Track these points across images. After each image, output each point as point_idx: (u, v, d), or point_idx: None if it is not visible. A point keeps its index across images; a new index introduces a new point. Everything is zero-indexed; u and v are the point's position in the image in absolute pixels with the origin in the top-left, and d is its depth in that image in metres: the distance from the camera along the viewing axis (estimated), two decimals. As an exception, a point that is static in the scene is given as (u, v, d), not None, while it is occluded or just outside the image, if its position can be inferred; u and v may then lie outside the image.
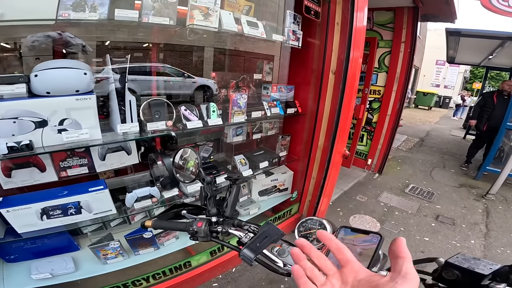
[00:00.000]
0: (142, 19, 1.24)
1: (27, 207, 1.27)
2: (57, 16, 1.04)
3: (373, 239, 0.65)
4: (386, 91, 4.14)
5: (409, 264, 0.37)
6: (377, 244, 0.61)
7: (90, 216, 1.44)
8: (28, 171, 1.31)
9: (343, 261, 0.44)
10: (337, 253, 0.45)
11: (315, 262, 0.46)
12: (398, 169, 4.91)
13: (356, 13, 1.77)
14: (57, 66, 1.03)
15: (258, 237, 0.73)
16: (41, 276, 1.47)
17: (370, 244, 0.63)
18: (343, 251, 0.45)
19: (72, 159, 1.38)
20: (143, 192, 1.53)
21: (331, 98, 2.12)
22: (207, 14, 1.44)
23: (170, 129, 1.42)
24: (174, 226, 0.91)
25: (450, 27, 4.19)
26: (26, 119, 1.03)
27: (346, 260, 0.44)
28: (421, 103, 15.18)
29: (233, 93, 1.69)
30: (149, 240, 1.73)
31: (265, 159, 2.18)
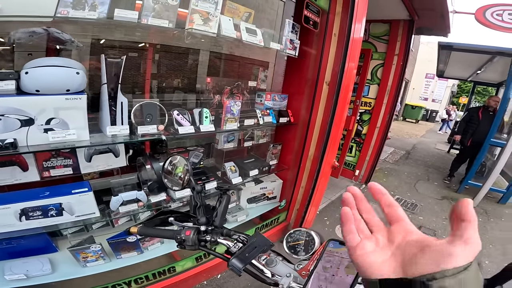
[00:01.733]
0: (141, 20, 1.22)
1: (6, 207, 1.22)
2: (55, 13, 1.01)
3: None
4: (377, 103, 4.21)
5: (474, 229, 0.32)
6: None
7: (72, 218, 1.39)
8: (10, 170, 1.25)
9: (393, 219, 0.40)
10: (388, 209, 0.41)
11: (363, 215, 0.43)
12: (384, 181, 5.00)
13: (354, 24, 1.80)
14: (49, 64, 1.00)
15: (247, 247, 0.74)
16: (15, 277, 1.41)
17: None
18: (395, 208, 0.41)
19: (57, 159, 1.33)
20: (129, 196, 1.49)
21: (324, 109, 2.14)
22: (207, 19, 1.43)
23: (161, 133, 1.39)
24: (161, 234, 0.90)
25: (443, 40, 4.32)
26: (12, 116, 0.99)
27: (397, 218, 0.40)
28: (409, 116, 15.55)
29: (227, 100, 1.68)
30: (132, 244, 1.69)
31: (255, 167, 2.17)
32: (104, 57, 1.15)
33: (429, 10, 3.35)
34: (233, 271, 0.72)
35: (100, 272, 1.61)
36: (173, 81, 2.56)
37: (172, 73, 2.49)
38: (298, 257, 0.87)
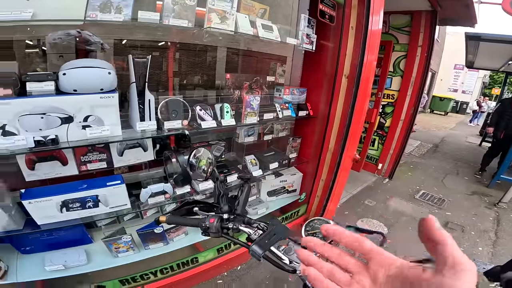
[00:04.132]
0: (163, 21, 1.29)
1: (48, 199, 1.33)
2: (85, 17, 1.10)
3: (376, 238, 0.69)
4: (400, 95, 4.09)
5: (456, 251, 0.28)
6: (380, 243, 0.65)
7: (106, 209, 1.50)
8: (51, 164, 1.38)
9: (366, 254, 0.36)
10: (356, 246, 0.37)
11: (334, 262, 0.38)
12: (410, 175, 4.85)
13: (372, 17, 1.77)
14: (84, 65, 1.10)
15: (267, 234, 0.76)
16: (54, 268, 1.52)
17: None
18: (363, 243, 0.36)
19: (93, 153, 1.45)
20: (157, 188, 1.58)
21: (343, 102, 2.12)
22: (224, 17, 1.48)
23: (185, 128, 1.48)
24: (187, 222, 0.95)
25: (470, 31, 4.10)
26: (53, 115, 1.10)
27: (370, 252, 0.36)
28: (437, 108, 14.81)
29: (247, 95, 1.73)
30: (159, 235, 1.78)
31: (275, 160, 2.21)
32: (131, 57, 1.24)
33: (452, 1, 3.19)
34: (253, 257, 0.77)
35: (129, 262, 1.71)
36: (193, 78, 2.63)
37: (192, 70, 2.56)
38: None
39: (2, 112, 1.03)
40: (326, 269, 0.38)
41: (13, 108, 1.04)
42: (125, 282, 1.71)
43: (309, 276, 0.38)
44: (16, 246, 1.56)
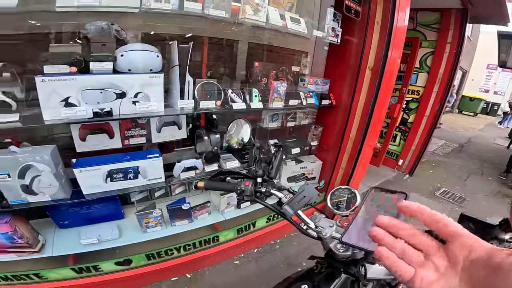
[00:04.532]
0: (204, 11, 1.42)
1: (97, 169, 1.48)
2: (140, 5, 1.25)
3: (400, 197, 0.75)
4: (426, 92, 4.03)
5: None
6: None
7: (144, 182, 1.64)
8: (100, 137, 1.57)
9: (449, 236, 0.33)
10: (437, 226, 0.34)
11: (410, 241, 0.36)
12: (431, 172, 4.79)
13: (397, 13, 1.83)
14: (138, 48, 1.26)
15: (297, 197, 0.85)
16: (89, 241, 1.66)
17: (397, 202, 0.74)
18: (446, 222, 0.34)
19: (135, 129, 1.63)
20: (189, 163, 1.74)
21: (366, 93, 2.19)
22: (257, 9, 1.60)
23: (218, 108, 1.62)
24: (223, 187, 1.02)
25: (503, 29, 3.95)
26: (110, 90, 1.27)
27: (453, 234, 0.33)
28: (466, 108, 14.15)
29: (274, 81, 1.84)
30: (186, 212, 1.91)
31: (296, 146, 2.31)
32: (176, 43, 1.39)
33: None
34: (284, 217, 0.86)
35: (157, 238, 1.84)
36: (220, 69, 2.76)
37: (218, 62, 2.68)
38: (340, 212, 0.95)
39: (68, 87, 1.21)
40: (399, 247, 0.36)
41: (77, 83, 1.22)
42: (151, 257, 1.85)
43: (381, 256, 0.36)
44: (55, 220, 1.71)
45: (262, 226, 2.32)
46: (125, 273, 1.77)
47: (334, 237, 0.79)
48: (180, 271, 2.00)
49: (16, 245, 1.44)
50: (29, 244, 1.48)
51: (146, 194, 2.05)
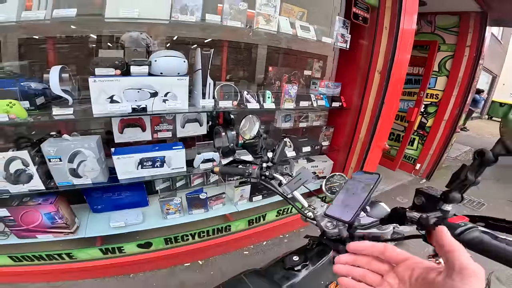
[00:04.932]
0: (223, 22, 1.65)
1: (131, 156, 1.74)
2: (170, 17, 1.51)
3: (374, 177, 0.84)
4: (445, 96, 4.01)
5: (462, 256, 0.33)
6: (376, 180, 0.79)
7: (169, 170, 1.88)
8: (134, 130, 1.85)
9: (395, 260, 0.43)
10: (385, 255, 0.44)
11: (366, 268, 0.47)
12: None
13: (403, 17, 1.95)
14: (169, 55, 1.52)
15: (294, 178, 0.99)
16: (117, 225, 1.90)
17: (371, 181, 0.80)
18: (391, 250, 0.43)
19: (163, 124, 1.89)
20: (208, 156, 1.96)
21: (375, 95, 2.30)
22: (269, 19, 1.80)
23: (235, 107, 1.84)
24: (235, 171, 1.17)
25: None
26: (145, 90, 1.53)
27: (397, 259, 0.43)
28: (496, 114, 13.33)
29: (286, 84, 2.03)
30: (202, 201, 2.12)
31: (308, 145, 2.47)
32: (199, 50, 1.63)
33: (502, 2, 3.10)
34: (282, 196, 1.03)
35: (175, 224, 2.05)
36: (238, 73, 2.96)
37: (237, 66, 2.88)
38: (333, 196, 1.05)
39: (113, 86, 1.49)
40: (359, 274, 0.46)
41: (120, 83, 1.50)
42: (168, 241, 2.08)
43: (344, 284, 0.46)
44: (90, 204, 1.98)
45: (272, 220, 2.50)
46: (145, 256, 2.01)
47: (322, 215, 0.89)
48: (194, 257, 2.21)
49: (55, 225, 1.71)
50: (67, 224, 1.75)
51: (168, 184, 2.30)
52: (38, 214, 1.65)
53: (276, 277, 0.85)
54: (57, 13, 1.36)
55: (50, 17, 1.37)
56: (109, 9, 1.39)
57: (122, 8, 1.40)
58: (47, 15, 1.37)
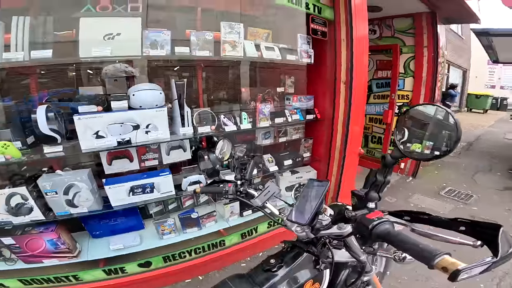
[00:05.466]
0: (192, 53, 1.83)
1: (122, 185, 1.86)
2: (142, 53, 1.67)
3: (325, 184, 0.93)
4: (414, 95, 4.23)
5: None
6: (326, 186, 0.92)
7: (158, 195, 1.99)
8: (122, 161, 1.97)
9: None
10: None
11: None
12: (436, 173, 4.83)
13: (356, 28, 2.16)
14: (145, 88, 1.68)
15: (263, 191, 1.10)
16: (116, 247, 1.99)
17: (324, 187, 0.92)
18: None
19: (149, 153, 2.02)
20: (194, 178, 2.09)
21: (344, 104, 2.49)
22: (234, 46, 1.98)
23: (213, 131, 1.99)
24: (214, 190, 1.30)
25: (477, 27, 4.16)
26: (128, 123, 1.67)
27: None
28: (474, 106, 14.01)
29: (259, 104, 2.20)
30: (195, 220, 2.21)
31: (289, 158, 2.62)
32: (174, 81, 1.80)
33: (446, 1, 3.39)
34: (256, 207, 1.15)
35: (171, 243, 2.13)
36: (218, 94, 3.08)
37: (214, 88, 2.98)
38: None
39: (97, 122, 1.62)
40: None
41: (103, 119, 1.64)
42: (167, 259, 2.15)
43: None
44: (89, 230, 2.07)
45: (264, 231, 2.58)
46: (147, 274, 2.07)
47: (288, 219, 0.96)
48: (193, 273, 2.27)
49: (59, 250, 1.81)
50: (70, 249, 1.85)
51: (161, 207, 2.39)
52: (42, 241, 1.75)
53: (257, 280, 0.93)
54: (35, 55, 1.51)
55: (29, 58, 1.51)
56: (82, 50, 1.56)
57: (94, 48, 1.56)
58: (26, 57, 1.51)
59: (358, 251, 0.97)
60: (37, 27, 1.62)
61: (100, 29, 1.59)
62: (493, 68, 15.08)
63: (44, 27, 1.64)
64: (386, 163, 0.79)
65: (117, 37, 1.62)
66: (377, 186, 0.78)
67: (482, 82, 15.37)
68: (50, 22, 1.67)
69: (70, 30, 1.66)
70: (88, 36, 1.58)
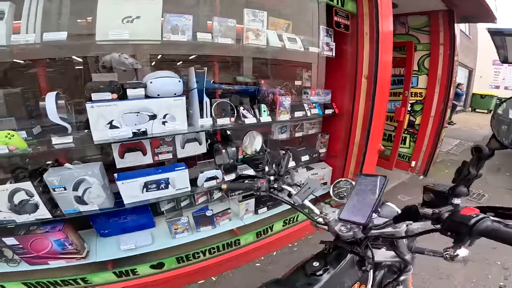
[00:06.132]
0: (213, 40, 1.71)
1: (135, 180, 1.74)
2: (162, 38, 1.55)
3: (382, 179, 0.90)
4: (428, 93, 4.16)
5: None
6: (384, 182, 0.86)
7: (173, 191, 1.88)
8: (135, 154, 1.84)
9: None
10: None
11: None
12: (446, 172, 4.78)
13: (382, 21, 2.06)
14: (164, 75, 1.55)
15: (303, 188, 1.01)
16: (127, 247, 1.87)
17: (378, 183, 0.87)
18: None
19: (163, 146, 1.89)
20: (211, 173, 1.97)
21: (365, 99, 2.39)
22: (258, 34, 1.87)
23: (232, 124, 1.87)
24: (243, 186, 1.19)
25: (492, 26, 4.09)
26: (144, 113, 1.55)
27: None
28: (479, 106, 13.95)
29: (280, 96, 2.08)
30: (209, 218, 2.11)
31: (306, 154, 2.51)
32: (193, 69, 1.67)
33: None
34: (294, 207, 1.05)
35: (184, 242, 2.04)
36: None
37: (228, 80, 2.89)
38: (342, 201, 1.10)
39: (111, 111, 1.50)
40: None
41: (118, 108, 1.51)
42: (180, 260, 2.05)
43: None
44: (97, 229, 1.95)
45: (279, 230, 2.49)
46: (159, 276, 1.97)
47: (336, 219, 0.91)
48: (207, 273, 2.17)
49: (66, 251, 1.69)
50: (77, 250, 1.73)
51: (173, 204, 2.28)
52: (48, 241, 1.63)
53: (299, 285, 0.84)
54: (47, 37, 1.37)
55: (40, 40, 1.37)
56: (99, 32, 1.43)
57: (111, 31, 1.43)
58: (37, 39, 1.37)
59: (405, 250, 0.94)
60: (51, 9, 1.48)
61: (118, 11, 1.46)
62: (498, 69, 14.99)
63: (59, 8, 1.50)
64: (481, 156, 0.68)
65: (136, 20, 1.49)
66: (468, 180, 0.68)
67: (486, 82, 15.28)
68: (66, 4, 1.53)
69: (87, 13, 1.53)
70: (106, 19, 1.44)
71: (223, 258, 2.18)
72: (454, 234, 0.64)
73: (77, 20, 1.59)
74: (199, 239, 2.10)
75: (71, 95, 1.73)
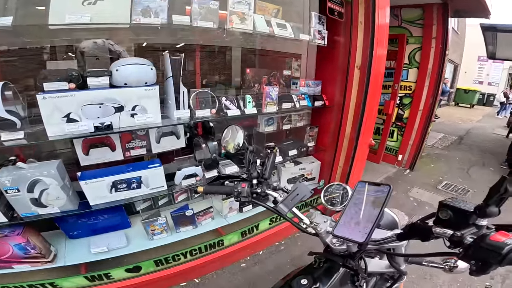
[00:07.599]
0: (192, 23, 1.50)
1: (101, 180, 1.55)
2: (131, 21, 1.33)
3: (384, 189, 0.77)
4: (418, 87, 4.11)
5: None
6: (387, 193, 0.73)
7: (147, 191, 1.70)
8: (102, 150, 1.63)
9: None
10: None
11: None
12: (432, 166, 4.82)
13: (378, 11, 1.91)
14: (132, 62, 1.33)
15: (290, 195, 0.88)
16: (99, 250, 1.72)
17: (382, 194, 0.75)
18: None
19: (135, 141, 1.69)
20: (189, 171, 1.79)
21: (357, 91, 2.24)
22: (243, 18, 1.68)
23: (213, 116, 1.68)
24: (221, 190, 1.05)
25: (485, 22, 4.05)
26: (109, 104, 1.34)
27: None
28: (462, 100, 14.30)
29: (266, 86, 1.91)
30: (189, 218, 1.96)
31: (293, 148, 2.36)
32: (168, 55, 1.46)
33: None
34: (280, 215, 0.90)
35: (163, 244, 1.90)
36: (214, 77, 2.79)
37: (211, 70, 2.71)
38: (334, 208, 0.99)
39: (68, 103, 1.28)
40: None
41: (76, 99, 1.29)
42: (159, 263, 1.90)
43: None
44: (65, 231, 1.78)
45: (265, 228, 2.36)
46: (136, 280, 1.81)
47: (328, 231, 0.81)
48: (189, 276, 2.04)
49: (29, 255, 1.51)
50: (42, 254, 1.55)
51: (150, 203, 2.11)
52: (8, 245, 1.47)
53: None
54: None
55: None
56: (52, 16, 1.20)
57: (68, 14, 1.20)
58: None
59: (401, 261, 0.90)
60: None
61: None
62: (482, 65, 15.37)
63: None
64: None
65: (100, 2, 1.26)
66: (502, 199, 0.54)
67: (471, 77, 15.64)
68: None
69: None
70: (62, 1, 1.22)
71: (206, 260, 2.05)
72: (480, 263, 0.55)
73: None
74: (179, 240, 1.96)
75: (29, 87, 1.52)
